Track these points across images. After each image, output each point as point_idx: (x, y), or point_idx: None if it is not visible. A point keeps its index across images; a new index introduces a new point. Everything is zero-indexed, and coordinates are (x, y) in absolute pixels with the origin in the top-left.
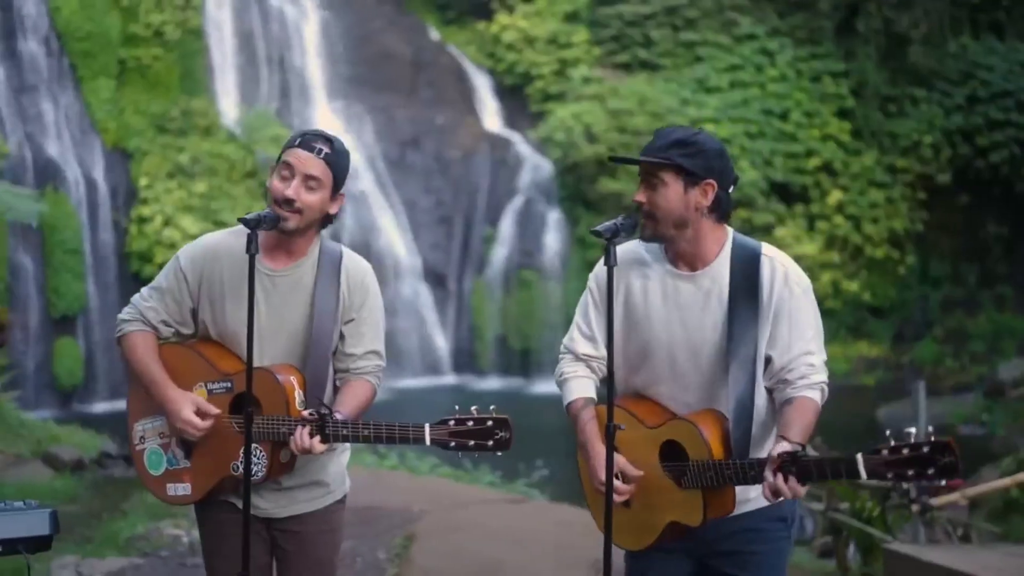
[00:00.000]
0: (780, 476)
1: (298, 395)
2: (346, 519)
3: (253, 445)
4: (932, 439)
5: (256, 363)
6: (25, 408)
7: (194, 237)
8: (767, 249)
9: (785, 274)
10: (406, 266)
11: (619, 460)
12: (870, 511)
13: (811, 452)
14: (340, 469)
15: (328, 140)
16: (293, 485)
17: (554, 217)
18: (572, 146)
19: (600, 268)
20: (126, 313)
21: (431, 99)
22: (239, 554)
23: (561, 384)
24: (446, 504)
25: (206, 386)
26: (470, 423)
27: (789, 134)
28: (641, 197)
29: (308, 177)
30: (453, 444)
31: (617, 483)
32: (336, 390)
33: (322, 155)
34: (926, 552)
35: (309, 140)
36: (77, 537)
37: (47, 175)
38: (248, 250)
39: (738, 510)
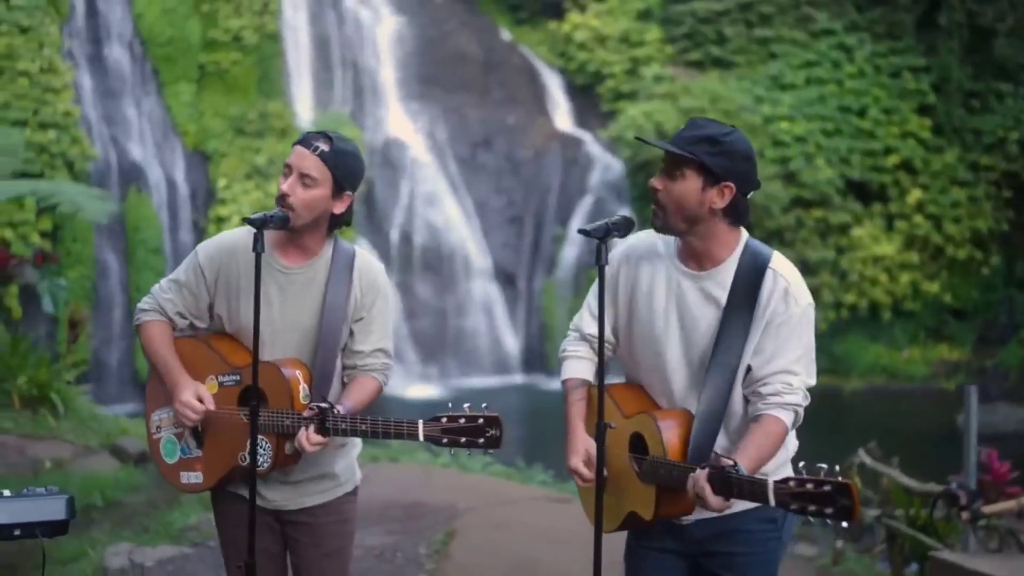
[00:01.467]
0: (706, 484)
1: (303, 389)
2: (358, 510)
3: (259, 437)
4: (835, 479)
5: (267, 358)
6: (107, 402)
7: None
8: (776, 262)
9: (786, 289)
10: (476, 266)
11: (589, 446)
12: (924, 519)
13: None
14: (349, 462)
15: (328, 139)
16: (302, 479)
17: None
18: (643, 145)
19: (615, 253)
20: (145, 303)
21: (502, 99)
22: (244, 542)
23: (562, 360)
24: (492, 502)
25: (217, 378)
26: (462, 420)
27: (867, 131)
28: (658, 184)
29: (303, 174)
30: (445, 441)
31: (585, 472)
32: (344, 386)
33: (318, 152)
34: (971, 560)
35: (309, 138)
36: (135, 526)
37: (131, 177)
38: (254, 248)
39: (726, 511)
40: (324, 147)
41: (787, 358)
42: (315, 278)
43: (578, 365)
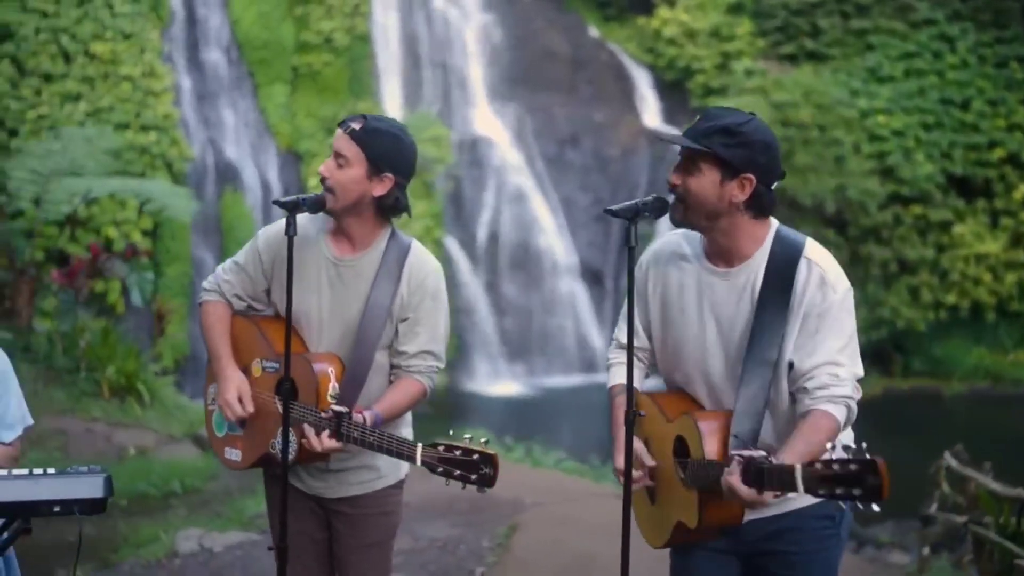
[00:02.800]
0: (739, 480)
1: (332, 387)
2: (403, 502)
3: (288, 428)
4: (861, 457)
5: (313, 348)
6: (199, 394)
7: None
8: (810, 249)
9: (822, 277)
10: (563, 264)
11: (637, 446)
12: (1014, 526)
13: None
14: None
15: (363, 119)
16: (342, 468)
17: None
18: None
19: (644, 258)
20: (207, 283)
21: (590, 97)
22: (291, 527)
23: (608, 370)
24: (558, 498)
25: (262, 363)
26: (458, 452)
27: (970, 124)
28: (676, 179)
29: (337, 154)
30: (440, 470)
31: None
32: (391, 383)
33: (348, 131)
34: None
35: (347, 120)
36: (209, 512)
37: (227, 177)
38: (287, 232)
39: (780, 509)
40: (356, 126)
41: (830, 349)
42: (364, 272)
43: (621, 372)
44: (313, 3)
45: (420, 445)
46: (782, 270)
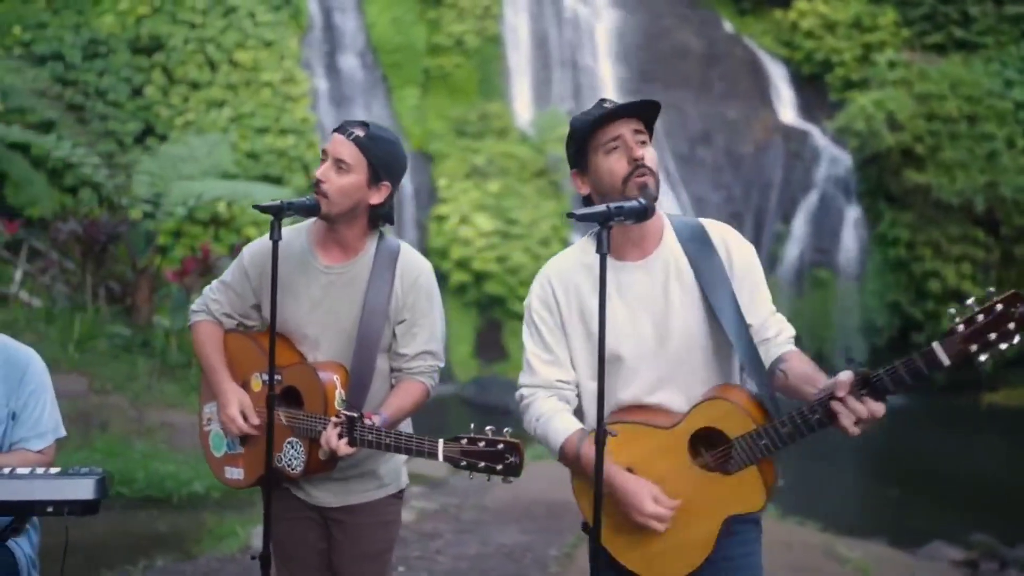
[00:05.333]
0: (855, 399)
1: (339, 394)
2: (401, 513)
3: (294, 439)
4: (1000, 295)
5: (312, 359)
6: None
7: (487, 235)
8: (705, 220)
9: (730, 233)
10: None
11: (653, 489)
12: None
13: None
14: (395, 465)
15: (365, 126)
16: (346, 476)
17: (852, 213)
18: (873, 136)
19: (539, 290)
20: (196, 304)
21: (723, 93)
22: (293, 537)
23: (541, 426)
24: None
25: (261, 377)
26: (481, 443)
27: None
28: (643, 151)
29: (338, 160)
30: (464, 463)
31: (659, 508)
32: (392, 387)
33: (352, 137)
34: None
35: (346, 125)
36: None
37: None
38: (271, 236)
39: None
40: (359, 133)
41: (765, 298)
42: (357, 277)
43: (565, 421)
44: (445, 6)
45: (441, 440)
46: (696, 241)
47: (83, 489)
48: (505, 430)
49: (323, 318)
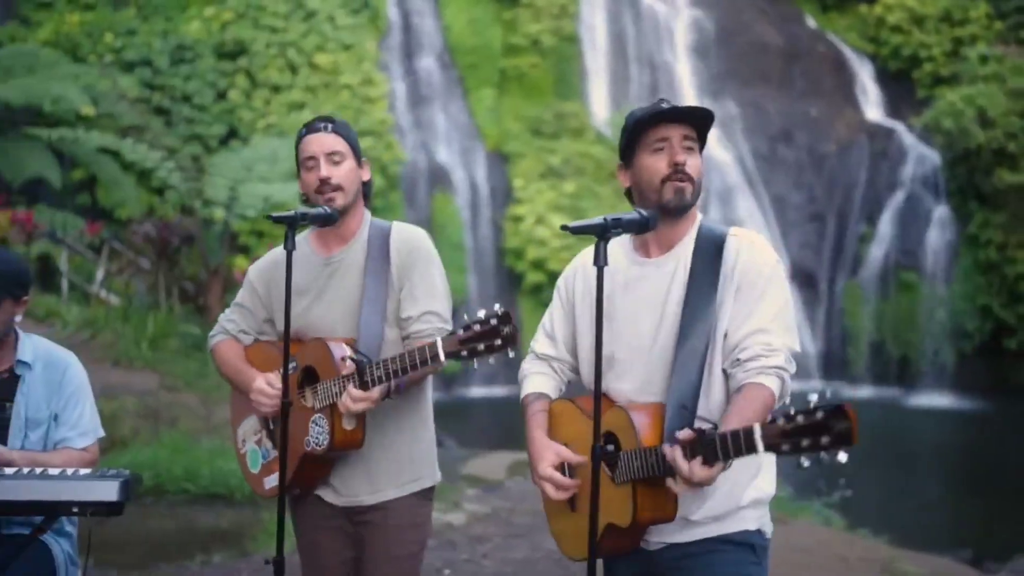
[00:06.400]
0: (682, 456)
1: (346, 351)
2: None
3: (318, 416)
4: (827, 402)
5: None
6: None
7: (563, 235)
8: (736, 230)
9: (751, 248)
10: None
11: (560, 448)
12: None
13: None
14: (427, 451)
15: (328, 118)
16: (376, 460)
17: (940, 213)
18: (963, 133)
19: (568, 269)
20: (214, 329)
21: (805, 90)
22: (320, 546)
23: (520, 381)
24: None
25: (281, 371)
26: (476, 326)
27: None
28: (686, 157)
29: (331, 153)
30: (465, 354)
31: (561, 477)
32: None
33: (330, 129)
34: None
35: (313, 125)
36: None
37: (437, 179)
38: (285, 246)
39: (694, 536)
40: (329, 124)
41: (762, 317)
42: (355, 260)
43: (535, 381)
44: (521, 6)
45: (439, 339)
46: (710, 248)
47: (107, 491)
48: (495, 307)
49: (330, 304)
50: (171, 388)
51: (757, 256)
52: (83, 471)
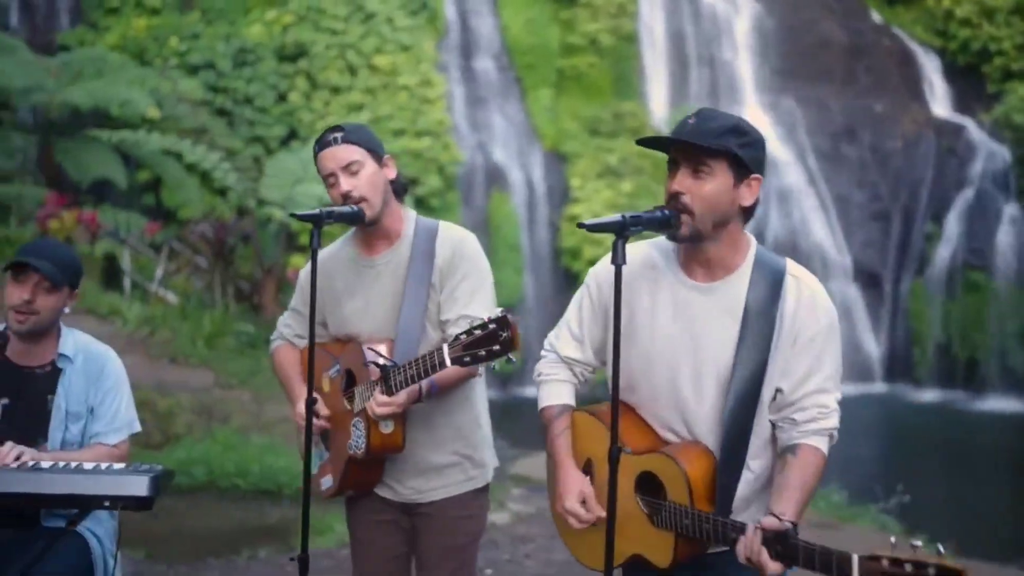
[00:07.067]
0: (764, 550)
1: (371, 354)
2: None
3: (357, 420)
4: (941, 562)
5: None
6: None
7: None
8: (793, 267)
9: (812, 299)
10: (835, 265)
11: (587, 488)
12: None
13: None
14: (482, 451)
15: (337, 127)
16: (435, 464)
17: (1010, 211)
18: None
19: (603, 266)
20: (272, 336)
21: (869, 86)
22: (372, 541)
23: (539, 385)
24: None
25: (327, 374)
26: (477, 332)
27: None
28: (680, 186)
29: (347, 165)
30: (468, 359)
31: (580, 509)
32: None
33: (341, 140)
34: None
35: (323, 139)
36: None
37: (494, 179)
38: (311, 244)
39: (715, 548)
40: (340, 134)
41: (822, 376)
42: (401, 260)
43: (556, 389)
44: (579, 6)
45: (444, 345)
46: (769, 287)
47: (138, 486)
48: (497, 309)
49: (374, 306)
50: (225, 385)
51: (818, 308)
52: (116, 466)
